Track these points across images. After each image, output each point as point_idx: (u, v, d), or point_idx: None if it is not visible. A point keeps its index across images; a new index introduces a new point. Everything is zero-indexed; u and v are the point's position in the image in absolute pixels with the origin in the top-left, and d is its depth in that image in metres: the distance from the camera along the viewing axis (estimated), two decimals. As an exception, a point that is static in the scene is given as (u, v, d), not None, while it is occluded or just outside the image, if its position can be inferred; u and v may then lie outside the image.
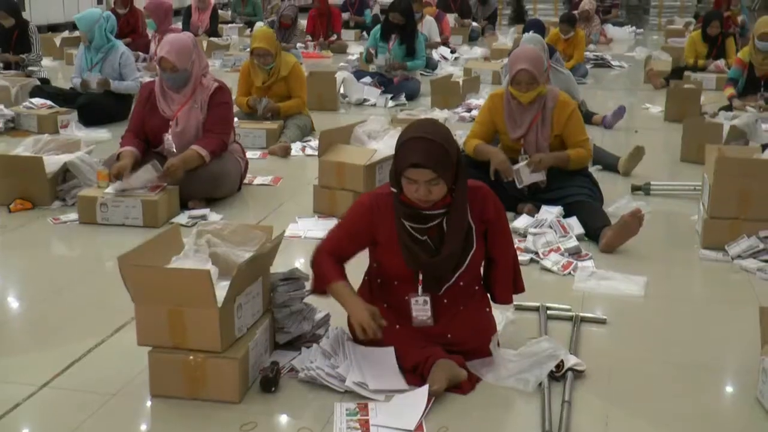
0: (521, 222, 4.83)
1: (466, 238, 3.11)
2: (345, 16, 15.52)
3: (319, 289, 3.24)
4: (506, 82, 5.20)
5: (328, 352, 3.16)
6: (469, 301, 3.22)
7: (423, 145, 2.96)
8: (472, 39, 15.42)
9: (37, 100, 7.68)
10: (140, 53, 10.36)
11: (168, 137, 5.26)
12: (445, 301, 3.17)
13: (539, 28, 8.89)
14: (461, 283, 3.17)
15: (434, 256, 3.08)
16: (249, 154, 6.06)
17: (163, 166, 5.04)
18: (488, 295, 3.33)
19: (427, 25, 12.56)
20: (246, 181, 5.78)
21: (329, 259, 3.20)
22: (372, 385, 2.99)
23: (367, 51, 9.66)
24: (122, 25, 10.76)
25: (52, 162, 5.35)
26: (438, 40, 12.81)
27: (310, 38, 13.69)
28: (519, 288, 3.38)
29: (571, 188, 5.01)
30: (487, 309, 3.29)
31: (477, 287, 3.27)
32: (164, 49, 5.20)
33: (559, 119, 5.06)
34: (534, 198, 5.05)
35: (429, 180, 2.96)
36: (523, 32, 9.41)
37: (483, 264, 3.29)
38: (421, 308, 3.14)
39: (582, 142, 5.14)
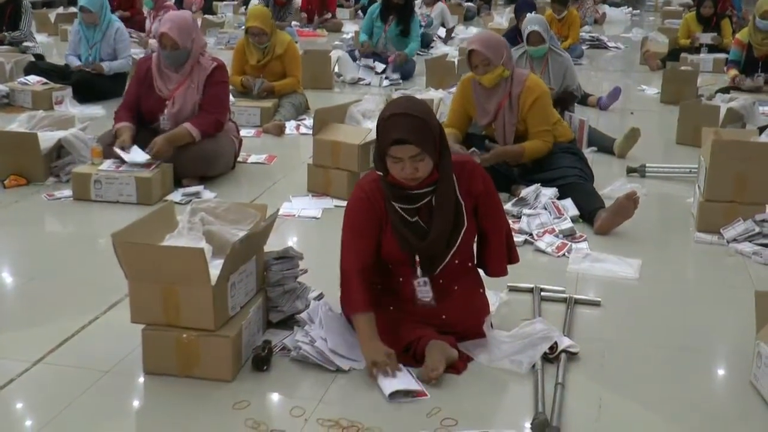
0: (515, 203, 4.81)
1: (457, 216, 3.08)
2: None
3: (346, 314, 3.16)
4: None
5: (304, 321, 3.16)
6: (464, 281, 3.20)
7: (404, 120, 2.92)
8: (467, 19, 15.39)
9: (32, 78, 7.64)
10: (134, 32, 10.28)
11: (164, 117, 5.25)
12: (441, 281, 3.15)
13: (531, 7, 8.83)
14: (456, 261, 3.15)
15: (425, 238, 3.06)
16: (243, 133, 6.05)
17: (148, 146, 5.03)
18: (482, 275, 3.30)
19: (437, 11, 12.46)
20: (240, 159, 5.76)
21: (359, 281, 3.04)
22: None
23: (363, 44, 9.54)
24: (120, 3, 10.70)
25: (47, 138, 5.34)
26: (448, 27, 12.62)
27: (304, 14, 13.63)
28: (513, 259, 3.31)
29: (562, 169, 4.98)
30: (481, 290, 3.27)
31: (470, 263, 3.25)
32: (165, 26, 5.17)
33: (524, 105, 4.99)
34: (526, 179, 5.02)
35: (413, 156, 2.91)
36: (515, 12, 9.36)
37: (476, 240, 3.25)
38: (424, 290, 3.12)
39: (541, 132, 5.02)
